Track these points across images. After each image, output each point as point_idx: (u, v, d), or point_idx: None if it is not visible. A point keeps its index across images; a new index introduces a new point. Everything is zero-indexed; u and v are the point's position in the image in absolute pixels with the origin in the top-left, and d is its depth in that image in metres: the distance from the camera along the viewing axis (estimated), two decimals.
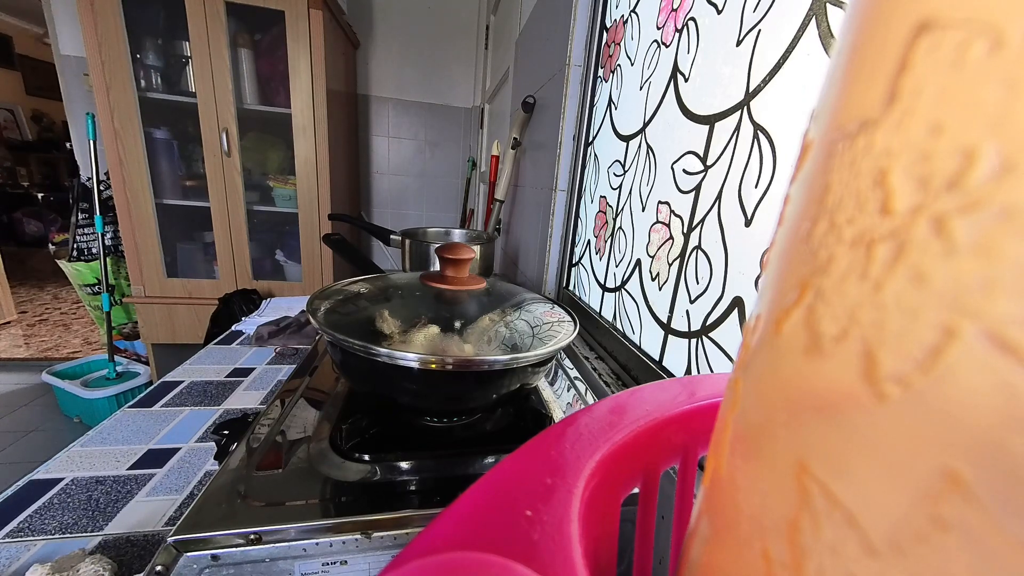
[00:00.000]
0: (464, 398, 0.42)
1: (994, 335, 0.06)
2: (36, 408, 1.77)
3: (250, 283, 1.61)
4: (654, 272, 0.55)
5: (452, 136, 2.19)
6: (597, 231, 0.76)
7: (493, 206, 1.19)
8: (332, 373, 0.54)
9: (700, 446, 0.21)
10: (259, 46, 1.51)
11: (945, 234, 0.07)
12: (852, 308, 0.08)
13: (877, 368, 0.08)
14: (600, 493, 0.16)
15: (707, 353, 0.44)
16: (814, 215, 0.10)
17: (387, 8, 1.96)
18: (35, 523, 0.38)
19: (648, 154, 0.58)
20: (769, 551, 0.10)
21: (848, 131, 0.09)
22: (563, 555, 0.12)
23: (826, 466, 0.09)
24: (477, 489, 0.14)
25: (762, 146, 0.37)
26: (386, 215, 2.23)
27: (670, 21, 0.54)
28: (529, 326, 0.47)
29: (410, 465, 0.39)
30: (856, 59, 0.09)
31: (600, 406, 0.20)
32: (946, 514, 0.07)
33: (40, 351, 2.21)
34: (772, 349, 0.11)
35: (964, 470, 0.07)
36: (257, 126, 1.58)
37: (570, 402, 0.53)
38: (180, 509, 0.40)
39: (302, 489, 0.35)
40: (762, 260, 0.37)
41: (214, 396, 0.61)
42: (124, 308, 1.83)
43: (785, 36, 0.35)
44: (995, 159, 0.06)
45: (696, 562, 0.14)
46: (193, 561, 0.29)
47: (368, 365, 0.38)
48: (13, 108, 3.95)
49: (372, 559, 0.32)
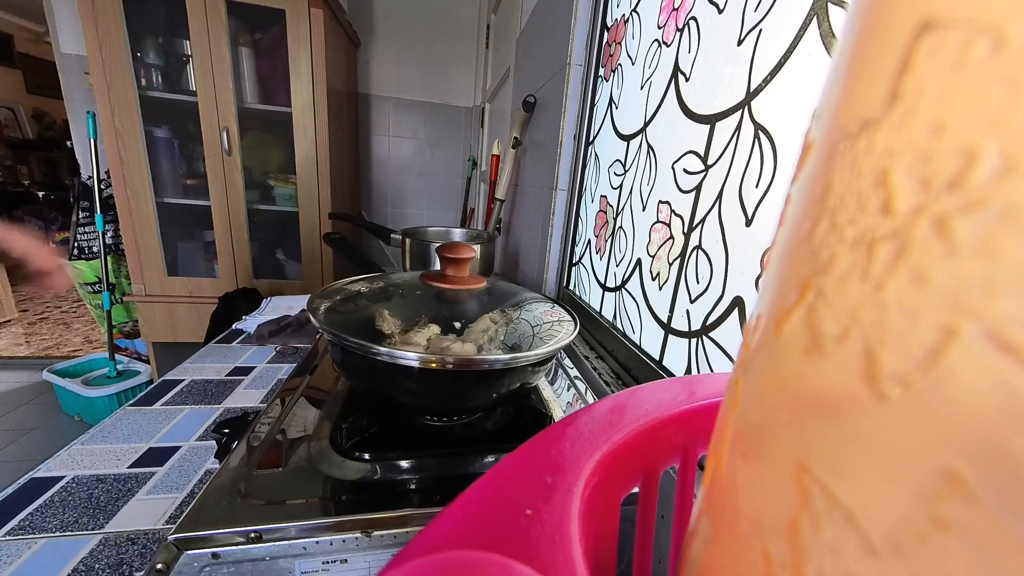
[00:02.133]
0: (464, 397, 0.42)
1: (994, 335, 0.06)
2: (37, 406, 1.78)
3: (250, 282, 1.61)
4: (654, 272, 0.55)
5: (453, 135, 2.19)
6: (597, 230, 0.76)
7: (494, 205, 1.19)
8: (332, 372, 0.54)
9: (700, 446, 0.21)
10: (260, 45, 1.50)
11: (946, 234, 0.07)
12: (853, 308, 0.08)
13: (878, 368, 0.08)
14: (600, 492, 0.16)
15: (707, 353, 0.44)
16: (815, 215, 0.10)
17: (388, 7, 1.96)
18: (36, 521, 0.38)
19: (649, 154, 0.58)
20: (769, 551, 0.10)
21: (850, 131, 0.09)
22: (563, 554, 0.12)
23: (826, 466, 0.09)
24: (477, 488, 0.14)
25: (763, 146, 0.37)
26: (386, 214, 2.23)
27: (671, 20, 0.54)
28: (529, 325, 0.47)
29: (410, 464, 0.39)
30: (858, 59, 0.09)
31: (600, 405, 0.20)
32: (946, 514, 0.07)
33: (41, 349, 2.22)
34: (773, 349, 0.11)
35: (964, 470, 0.07)
36: (258, 125, 1.58)
37: (570, 401, 0.53)
38: (181, 507, 0.40)
39: (302, 488, 0.35)
40: (763, 260, 0.37)
41: (214, 395, 0.61)
42: (125, 307, 1.83)
43: (786, 36, 0.35)
44: (996, 159, 0.06)
45: (696, 562, 0.14)
46: (194, 559, 0.29)
47: (368, 364, 0.38)
48: (14, 106, 3.95)
49: (372, 558, 0.32)
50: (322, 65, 1.46)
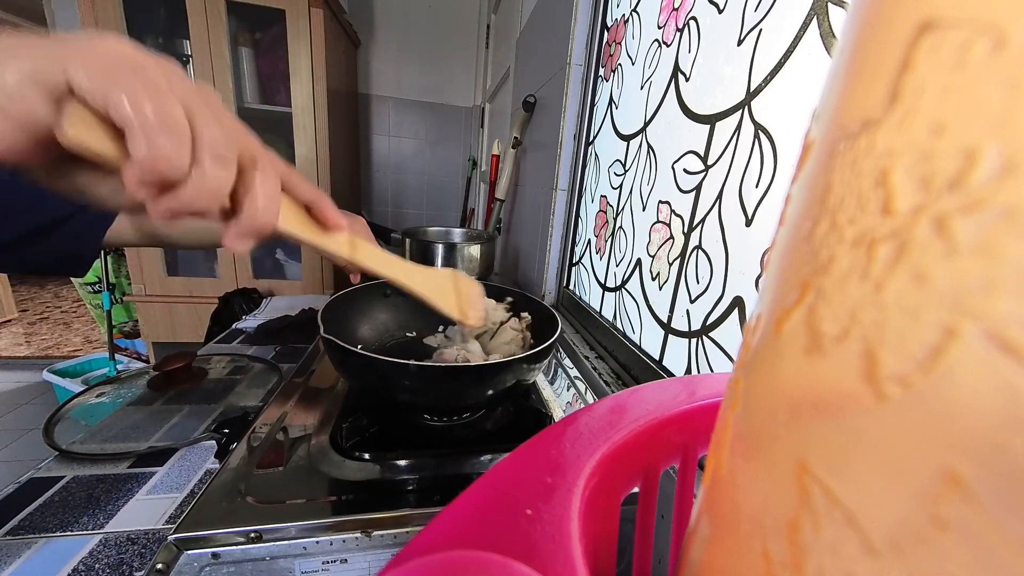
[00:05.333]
0: (461, 395, 0.42)
1: (995, 335, 0.06)
2: (37, 406, 1.78)
3: (251, 282, 1.61)
4: (654, 272, 0.55)
5: (453, 135, 2.18)
6: (597, 230, 0.76)
7: (494, 205, 1.19)
8: (332, 372, 0.54)
9: (700, 446, 0.21)
10: (260, 45, 1.50)
11: (946, 234, 0.07)
12: (853, 308, 0.08)
13: (878, 368, 0.08)
14: (600, 492, 0.16)
15: (707, 353, 0.44)
16: (815, 215, 0.10)
17: (388, 7, 1.96)
18: (36, 521, 0.38)
19: (649, 154, 0.58)
20: (769, 550, 0.10)
21: (850, 131, 0.09)
22: (563, 554, 0.12)
23: (826, 466, 0.09)
24: (477, 488, 0.14)
25: (763, 146, 0.37)
26: (386, 214, 2.23)
27: (671, 20, 0.54)
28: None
29: (410, 464, 0.39)
30: (858, 59, 0.09)
31: (600, 405, 0.20)
32: (946, 514, 0.07)
33: (41, 349, 2.21)
34: (773, 349, 0.11)
35: (964, 470, 0.07)
36: (258, 125, 1.55)
37: (570, 401, 0.53)
38: (181, 507, 0.40)
39: (302, 487, 0.35)
40: (763, 260, 0.37)
41: (215, 394, 0.61)
42: (125, 306, 1.83)
43: (786, 36, 0.35)
44: (996, 159, 0.06)
45: (696, 561, 0.14)
46: (194, 559, 0.29)
47: (366, 362, 0.38)
48: None
49: (372, 557, 0.32)
50: (322, 65, 1.46)
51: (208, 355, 0.72)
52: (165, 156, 0.20)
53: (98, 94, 0.18)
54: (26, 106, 0.18)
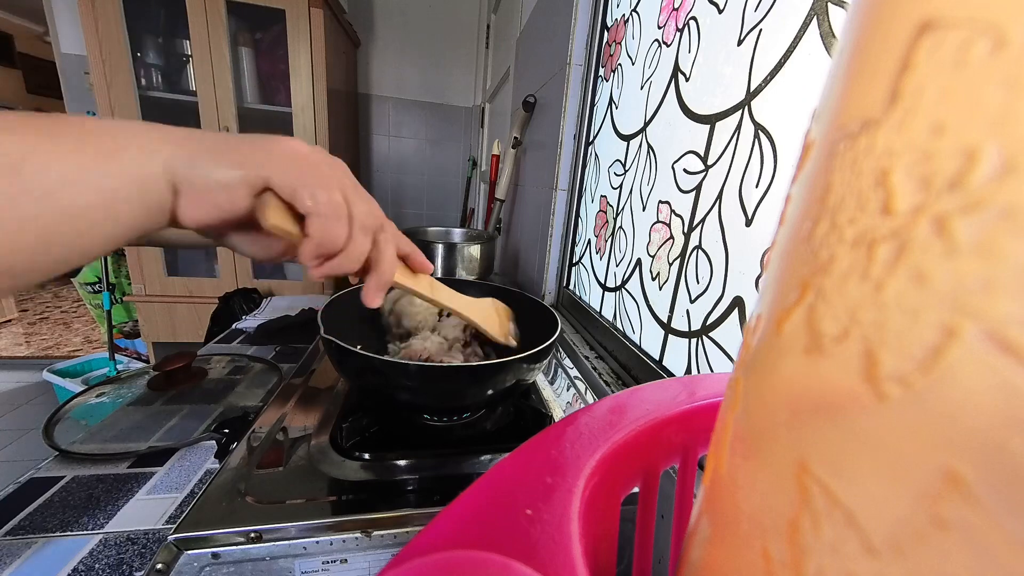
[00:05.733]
0: (461, 395, 0.42)
1: (995, 335, 0.06)
2: (37, 406, 1.77)
3: (250, 282, 1.61)
4: (654, 272, 0.55)
5: (453, 135, 2.18)
6: (597, 230, 0.76)
7: (493, 205, 1.19)
8: (332, 372, 0.54)
9: (700, 446, 0.21)
10: (260, 45, 1.50)
11: (946, 234, 0.07)
12: (853, 308, 0.08)
13: (878, 368, 0.08)
14: (600, 492, 0.16)
15: (707, 353, 0.44)
16: (815, 215, 0.10)
17: (388, 7, 1.96)
18: (36, 521, 0.38)
19: (649, 153, 0.58)
20: (769, 550, 0.10)
21: (850, 131, 0.09)
22: (563, 554, 0.12)
23: (826, 466, 0.09)
24: (477, 488, 0.14)
25: (763, 146, 0.37)
26: (387, 214, 2.23)
27: (671, 20, 0.54)
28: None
29: (410, 464, 0.39)
30: (858, 59, 0.09)
31: (600, 405, 0.20)
32: (946, 514, 0.07)
33: (41, 349, 2.21)
34: (773, 349, 0.11)
35: (964, 470, 0.07)
36: (258, 125, 1.57)
37: (570, 401, 0.53)
38: (181, 507, 0.40)
39: (302, 487, 0.35)
40: (763, 260, 0.37)
41: (215, 394, 0.61)
42: (125, 306, 1.83)
43: (786, 36, 0.35)
44: (997, 159, 0.06)
45: (696, 561, 0.14)
46: (194, 559, 0.29)
47: (366, 363, 0.38)
48: (14, 107, 3.95)
49: (372, 557, 0.32)
50: (322, 65, 1.46)
51: (208, 355, 0.72)
52: (333, 237, 0.27)
53: (287, 190, 0.25)
54: (233, 197, 0.24)
